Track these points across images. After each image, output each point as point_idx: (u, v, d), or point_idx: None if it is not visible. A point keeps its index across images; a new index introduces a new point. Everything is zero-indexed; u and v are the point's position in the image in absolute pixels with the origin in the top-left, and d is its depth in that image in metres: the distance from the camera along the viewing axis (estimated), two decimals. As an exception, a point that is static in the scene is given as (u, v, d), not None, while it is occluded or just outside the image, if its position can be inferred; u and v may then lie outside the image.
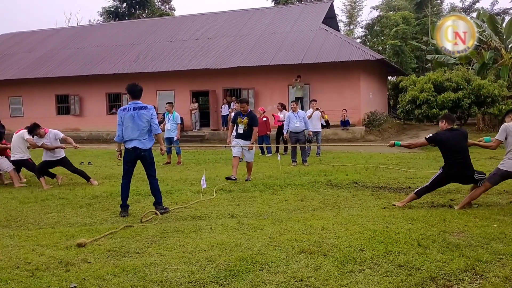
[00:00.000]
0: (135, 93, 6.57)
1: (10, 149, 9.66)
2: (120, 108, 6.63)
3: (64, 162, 9.28)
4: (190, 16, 29.53)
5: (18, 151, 9.36)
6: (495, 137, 6.30)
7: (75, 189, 8.64)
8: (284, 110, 15.16)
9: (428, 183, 6.53)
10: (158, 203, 6.58)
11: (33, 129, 9.00)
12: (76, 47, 27.98)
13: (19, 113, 26.39)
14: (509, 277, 3.56)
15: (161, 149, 7.11)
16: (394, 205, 6.55)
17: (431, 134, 6.56)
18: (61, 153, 9.24)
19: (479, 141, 6.72)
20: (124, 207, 6.47)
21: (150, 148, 6.57)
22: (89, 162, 13.11)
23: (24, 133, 9.29)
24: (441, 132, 6.49)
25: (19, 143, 9.37)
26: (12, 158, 9.46)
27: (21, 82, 25.63)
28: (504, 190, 7.48)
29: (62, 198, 7.75)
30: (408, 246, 4.30)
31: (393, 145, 6.88)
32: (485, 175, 6.31)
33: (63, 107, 25.82)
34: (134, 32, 28.46)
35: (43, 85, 25.49)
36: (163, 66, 23.28)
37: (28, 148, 9.52)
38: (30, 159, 9.51)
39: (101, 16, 46.34)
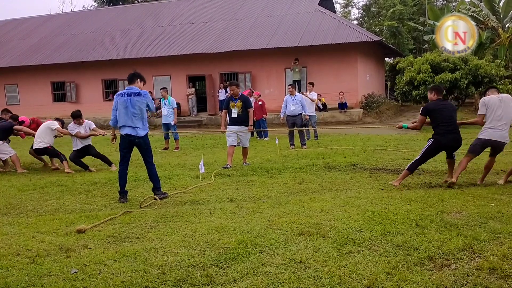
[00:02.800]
0: (130, 78, 6.50)
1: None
2: (116, 93, 6.60)
3: (91, 147, 9.62)
4: (185, 0, 29.23)
5: (39, 140, 9.49)
6: (478, 113, 6.58)
7: (74, 176, 8.64)
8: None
9: (419, 156, 6.70)
10: (156, 189, 6.57)
11: (79, 116, 9.33)
12: (71, 33, 27.72)
13: (15, 101, 26.28)
14: (506, 255, 3.59)
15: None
16: (392, 184, 6.71)
17: (422, 107, 6.75)
18: (89, 140, 9.65)
19: (463, 121, 7.11)
20: (123, 193, 6.47)
21: (145, 135, 6.48)
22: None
23: (52, 123, 9.60)
24: (432, 103, 6.67)
25: (43, 133, 9.53)
26: (34, 146, 9.62)
27: (16, 70, 25.46)
28: (502, 170, 7.52)
29: (61, 185, 7.75)
30: (406, 227, 4.33)
31: (401, 127, 7.28)
32: None
33: (59, 94, 25.71)
34: (129, 17, 28.19)
35: (38, 73, 25.34)
36: (158, 51, 23.12)
37: (55, 137, 9.77)
38: (50, 146, 9.59)
39: (95, 1, 45.83)
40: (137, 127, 6.35)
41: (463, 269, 3.41)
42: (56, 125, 9.57)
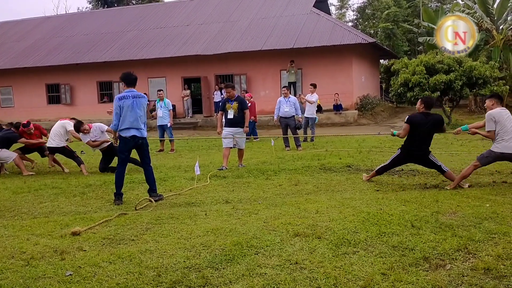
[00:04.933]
0: (131, 81, 6.53)
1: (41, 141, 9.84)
2: (117, 96, 6.53)
3: (113, 148, 8.83)
4: (180, 2, 29.22)
5: (55, 138, 9.25)
6: (486, 129, 6.34)
7: (69, 178, 8.61)
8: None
9: (387, 162, 6.97)
10: (152, 191, 6.57)
11: (78, 127, 9.06)
12: (66, 35, 27.64)
13: (9, 103, 26.17)
14: (501, 256, 3.60)
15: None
16: (363, 177, 7.20)
17: (407, 116, 6.78)
18: (105, 144, 9.21)
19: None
20: (118, 195, 6.45)
21: (146, 136, 6.61)
22: (82, 151, 13.04)
23: (67, 124, 9.35)
24: (416, 115, 6.71)
25: (59, 131, 9.31)
26: (48, 145, 9.40)
27: (11, 72, 25.33)
28: (496, 171, 7.55)
29: (55, 187, 7.72)
30: (401, 227, 4.34)
31: (392, 135, 7.34)
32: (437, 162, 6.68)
33: (54, 96, 25.60)
34: (124, 19, 28.14)
35: (33, 75, 25.21)
36: (153, 53, 23.08)
37: (67, 140, 9.54)
38: (67, 146, 9.46)
39: (90, 3, 45.75)
40: (142, 129, 6.47)
41: (458, 270, 3.42)
42: (71, 126, 9.22)
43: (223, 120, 9.21)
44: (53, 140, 9.32)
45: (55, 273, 3.66)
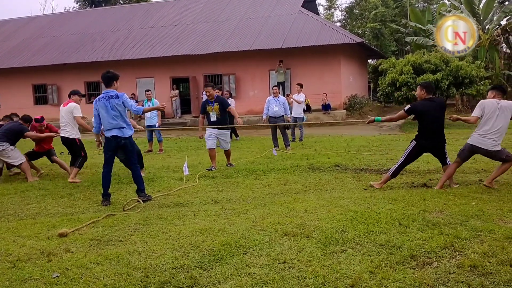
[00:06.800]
0: (105, 81, 6.39)
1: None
2: (95, 100, 6.51)
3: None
4: (168, 1, 29.09)
5: (67, 127, 8.20)
6: (473, 113, 6.18)
7: (56, 180, 8.52)
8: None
9: (401, 160, 6.46)
10: (140, 191, 6.53)
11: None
12: (52, 35, 27.38)
13: (-5, 104, 25.86)
14: (487, 253, 3.64)
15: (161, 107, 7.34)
16: (372, 186, 6.58)
17: (409, 105, 6.40)
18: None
19: (459, 116, 6.61)
20: (106, 196, 6.41)
21: (131, 136, 6.50)
22: (61, 153, 12.86)
23: (76, 108, 8.24)
24: (420, 103, 6.35)
25: (68, 117, 8.19)
26: (61, 134, 8.31)
27: (-4, 72, 25.04)
28: (482, 169, 7.64)
29: (42, 188, 7.63)
30: (389, 226, 4.37)
31: (373, 121, 6.79)
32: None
33: (40, 97, 25.35)
34: (111, 19, 27.95)
35: (19, 75, 24.94)
36: (141, 53, 22.97)
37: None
38: (78, 139, 8.31)
39: (77, 3, 45.34)
40: (123, 127, 6.35)
41: (444, 267, 3.46)
42: (79, 112, 8.16)
43: (206, 122, 8.96)
44: (65, 129, 8.24)
45: (41, 275, 3.62)
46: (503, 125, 5.97)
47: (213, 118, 8.68)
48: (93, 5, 41.96)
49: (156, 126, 12.67)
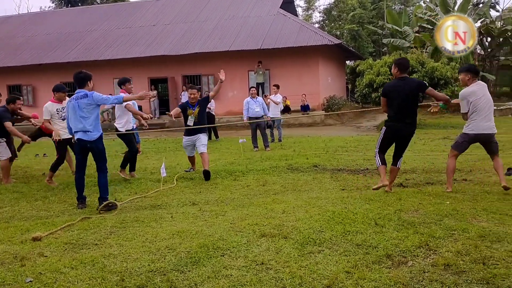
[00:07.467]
0: (78, 82, 6.15)
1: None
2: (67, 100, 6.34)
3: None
4: (146, 1, 28.84)
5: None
6: (461, 111, 5.97)
7: (30, 182, 8.36)
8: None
9: (376, 149, 6.12)
10: (102, 199, 6.12)
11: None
12: (27, 35, 26.87)
13: (-32, 105, 25.19)
14: (461, 251, 3.70)
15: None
16: (386, 191, 5.99)
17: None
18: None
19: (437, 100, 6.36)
20: (81, 199, 6.29)
21: (98, 139, 6.10)
22: (44, 154, 12.70)
23: (44, 108, 8.00)
24: (389, 84, 6.07)
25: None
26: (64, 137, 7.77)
27: (-31, 73, 24.43)
28: (457, 169, 7.75)
29: (16, 191, 7.47)
30: (365, 226, 4.41)
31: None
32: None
33: (15, 97, 24.79)
34: (88, 19, 27.56)
35: (-7, 75, 24.40)
36: (119, 53, 22.72)
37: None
38: (58, 140, 7.83)
39: (53, 2, 44.58)
40: (89, 131, 6.01)
41: (419, 266, 3.50)
42: (46, 115, 7.97)
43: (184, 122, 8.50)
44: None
45: (14, 280, 3.54)
46: (491, 103, 5.88)
47: (190, 123, 8.22)
48: (70, 5, 41.30)
49: (134, 127, 12.52)
